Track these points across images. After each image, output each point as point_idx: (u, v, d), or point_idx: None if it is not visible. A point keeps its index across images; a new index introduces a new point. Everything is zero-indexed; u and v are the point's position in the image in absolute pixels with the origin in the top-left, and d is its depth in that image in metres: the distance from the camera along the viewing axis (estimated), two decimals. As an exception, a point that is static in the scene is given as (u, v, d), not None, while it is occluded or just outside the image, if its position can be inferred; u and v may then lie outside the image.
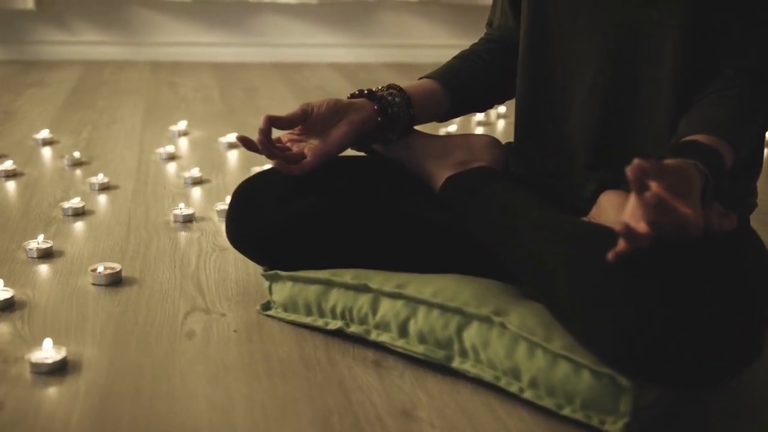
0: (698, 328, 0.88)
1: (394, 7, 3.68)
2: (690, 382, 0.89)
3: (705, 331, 0.88)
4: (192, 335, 1.13)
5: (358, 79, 3.22)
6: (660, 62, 1.15)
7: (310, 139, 1.21)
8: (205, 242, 1.48)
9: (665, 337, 0.87)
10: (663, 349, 0.87)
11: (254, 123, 2.39)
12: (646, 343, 0.88)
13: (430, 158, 1.25)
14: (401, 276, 1.12)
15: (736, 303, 0.90)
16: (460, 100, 1.30)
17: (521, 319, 1.01)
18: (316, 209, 1.18)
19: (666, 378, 0.90)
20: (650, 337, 0.88)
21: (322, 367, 1.06)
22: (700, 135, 1.04)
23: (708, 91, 1.12)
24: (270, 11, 3.58)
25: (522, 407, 0.97)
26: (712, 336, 0.87)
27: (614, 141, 1.22)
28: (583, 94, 1.22)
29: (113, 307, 1.21)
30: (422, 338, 1.06)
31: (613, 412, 0.92)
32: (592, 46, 1.20)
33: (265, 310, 1.20)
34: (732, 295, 0.91)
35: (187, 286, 1.29)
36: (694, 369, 0.88)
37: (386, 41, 3.70)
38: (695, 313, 0.88)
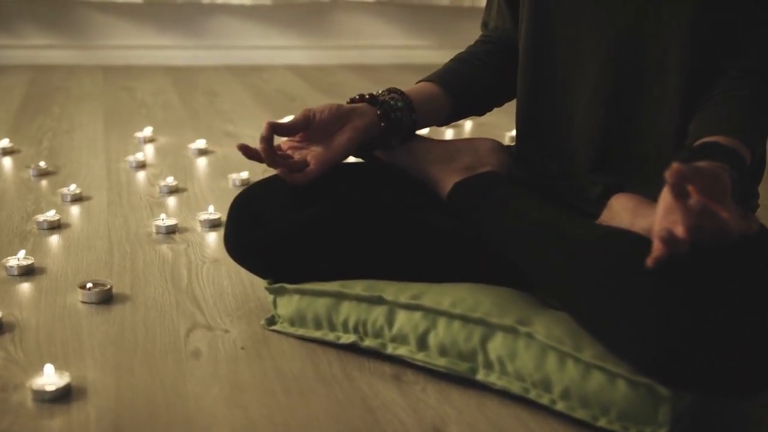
0: (737, 334, 0.86)
1: (349, 8, 3.64)
2: (730, 390, 0.88)
3: (745, 338, 0.86)
4: (198, 354, 1.08)
5: (318, 82, 3.17)
6: (665, 63, 1.14)
7: (311, 146, 1.17)
8: (193, 254, 1.42)
9: (705, 345, 0.85)
10: (703, 357, 0.85)
11: (220, 128, 2.35)
12: (686, 351, 0.86)
13: (435, 163, 1.22)
14: (414, 286, 1.09)
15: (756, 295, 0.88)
16: (462, 104, 1.28)
17: (547, 328, 0.98)
18: (319, 218, 1.14)
19: (706, 386, 0.88)
20: (690, 344, 0.86)
21: (341, 383, 1.02)
22: (718, 136, 1.02)
23: (715, 92, 1.11)
24: (223, 13, 3.51)
25: (554, 419, 0.95)
26: (751, 342, 0.86)
27: (618, 143, 1.20)
28: (586, 96, 1.20)
29: (109, 326, 1.15)
30: (444, 351, 1.02)
31: (652, 422, 0.90)
32: (596, 47, 1.18)
33: (270, 325, 1.16)
34: (764, 299, 0.89)
35: (183, 301, 1.24)
36: (733, 377, 0.86)
37: (342, 42, 3.66)
38: (734, 319, 0.86)
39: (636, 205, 1.12)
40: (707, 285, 0.88)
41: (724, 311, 0.86)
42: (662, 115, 1.16)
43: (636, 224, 1.08)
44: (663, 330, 0.86)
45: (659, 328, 0.87)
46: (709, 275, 0.89)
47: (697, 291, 0.87)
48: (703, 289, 0.87)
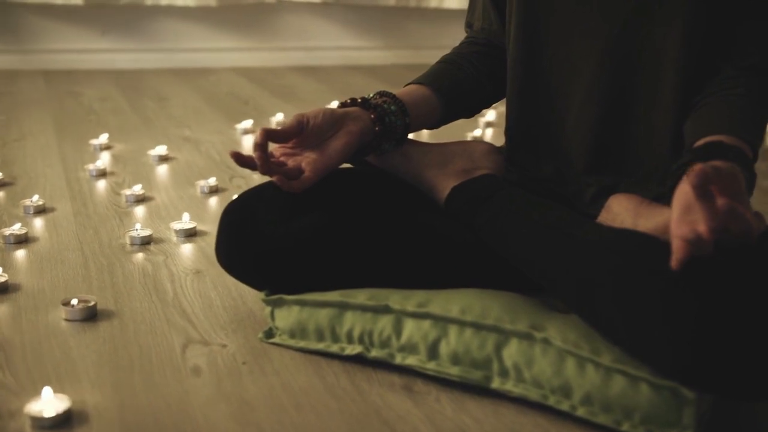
0: (761, 334, 0.85)
1: (295, 9, 3.59)
2: (753, 391, 0.87)
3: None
4: (199, 371, 1.04)
5: (269, 84, 3.12)
6: (660, 63, 1.14)
7: (305, 152, 1.14)
8: (173, 266, 1.37)
9: (730, 346, 0.85)
10: (728, 358, 0.85)
11: (176, 133, 2.29)
12: (711, 352, 0.85)
13: (430, 167, 1.20)
14: (419, 294, 1.07)
15: None
16: (452, 106, 1.26)
17: (561, 332, 0.97)
18: (317, 226, 1.11)
19: (729, 388, 0.87)
20: (715, 345, 0.85)
21: (351, 396, 0.99)
22: (721, 136, 1.02)
23: (712, 91, 1.12)
24: (167, 15, 3.43)
25: (574, 425, 0.94)
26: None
27: (612, 144, 1.20)
28: (579, 97, 1.20)
29: (99, 344, 1.10)
30: (456, 359, 1.00)
31: (677, 425, 0.89)
32: (589, 47, 1.17)
33: (268, 337, 1.12)
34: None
35: (172, 315, 1.19)
36: (757, 378, 0.86)
37: (289, 44, 3.61)
38: (757, 319, 0.86)
39: (637, 205, 1.12)
40: (729, 285, 0.87)
41: (747, 311, 0.85)
42: (656, 115, 1.16)
43: (639, 225, 1.08)
44: (687, 331, 0.86)
45: (683, 329, 0.86)
46: (731, 275, 0.88)
47: (720, 291, 0.87)
48: (725, 289, 0.87)
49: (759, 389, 0.86)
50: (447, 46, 3.71)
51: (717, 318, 0.85)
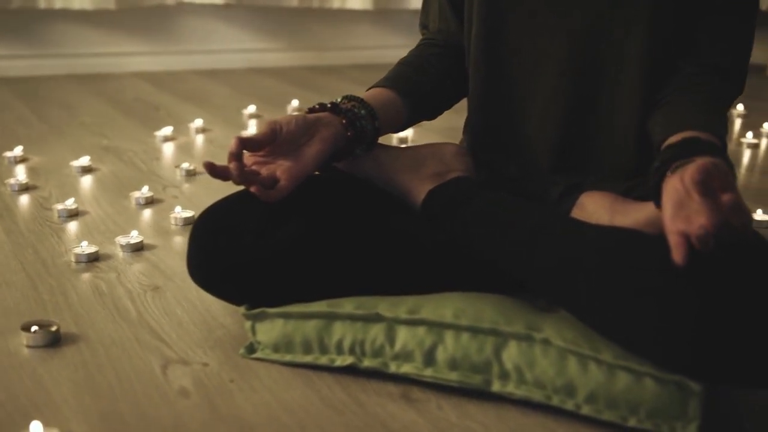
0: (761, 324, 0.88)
1: (196, 11, 3.51)
2: (756, 380, 0.89)
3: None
4: (186, 393, 0.99)
5: (175, 89, 3.04)
6: (623, 62, 1.16)
7: (277, 159, 1.10)
8: (128, 283, 1.31)
9: (733, 337, 0.86)
10: (732, 350, 0.87)
11: (94, 142, 2.20)
12: (715, 344, 0.87)
13: (402, 172, 1.19)
14: (407, 300, 1.05)
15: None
16: (416, 108, 1.25)
17: (559, 332, 0.98)
18: (295, 236, 1.08)
19: (734, 379, 0.89)
20: (719, 337, 0.87)
21: (352, 409, 0.97)
22: (695, 132, 1.04)
23: (674, 88, 1.15)
24: (63, 19, 3.28)
25: (579, 424, 0.94)
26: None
27: (576, 142, 1.22)
28: (544, 97, 1.21)
29: (71, 371, 1.04)
30: (454, 364, 1.00)
31: (682, 417, 0.91)
32: (552, 47, 1.19)
33: (250, 353, 1.08)
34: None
35: (142, 335, 1.14)
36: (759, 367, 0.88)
37: (191, 47, 3.52)
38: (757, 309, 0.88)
39: (612, 202, 1.13)
40: (728, 281, 0.89)
41: (745, 305, 0.87)
42: (620, 114, 1.18)
43: (616, 221, 1.09)
44: (688, 328, 0.87)
45: (684, 326, 0.87)
46: (729, 271, 0.90)
47: (719, 287, 0.88)
48: (724, 285, 0.89)
49: (759, 378, 0.89)
50: (351, 46, 3.79)
51: (717, 314, 0.86)
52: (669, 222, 0.89)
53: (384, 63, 3.87)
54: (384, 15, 3.87)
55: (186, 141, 2.28)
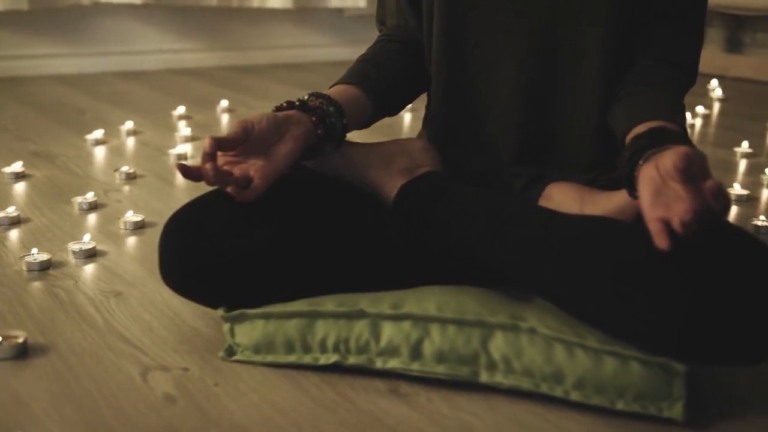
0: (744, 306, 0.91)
1: (113, 12, 3.42)
2: (740, 359, 0.93)
3: (750, 308, 0.91)
4: (172, 398, 0.97)
5: (97, 92, 2.96)
6: (583, 56, 1.19)
7: (249, 159, 1.09)
8: (88, 290, 1.28)
9: (720, 318, 0.90)
10: (715, 329, 0.90)
11: (22, 148, 2.12)
12: (702, 327, 0.90)
13: (373, 168, 1.19)
14: (389, 296, 1.06)
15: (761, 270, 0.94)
16: (380, 104, 1.25)
17: (543, 321, 1.00)
18: (270, 236, 1.07)
19: (719, 359, 0.92)
20: (705, 320, 0.90)
21: (344, 406, 0.97)
22: (659, 122, 1.08)
23: (632, 80, 1.18)
24: (-27, 21, 3.16)
25: (570, 410, 0.96)
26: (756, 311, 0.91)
27: (538, 135, 1.24)
28: (505, 91, 1.23)
29: (47, 383, 1.01)
30: (441, 357, 1.00)
31: (668, 398, 0.94)
32: (513, 42, 1.21)
33: (230, 355, 1.07)
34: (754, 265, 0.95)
35: (114, 343, 1.11)
36: (743, 346, 0.91)
37: (109, 48, 3.43)
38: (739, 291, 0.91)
39: (578, 193, 1.16)
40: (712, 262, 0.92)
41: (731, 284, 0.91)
42: (580, 106, 1.21)
43: (586, 211, 1.12)
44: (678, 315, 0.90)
45: (677, 309, 0.90)
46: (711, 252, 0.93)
47: (706, 269, 0.91)
48: (709, 266, 0.92)
49: (743, 357, 0.92)
50: (272, 46, 3.80)
51: (705, 299, 0.89)
52: (648, 209, 0.92)
53: (306, 62, 3.88)
54: (305, 14, 3.86)
55: (118, 144, 2.23)
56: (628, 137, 1.09)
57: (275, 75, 3.48)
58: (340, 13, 3.96)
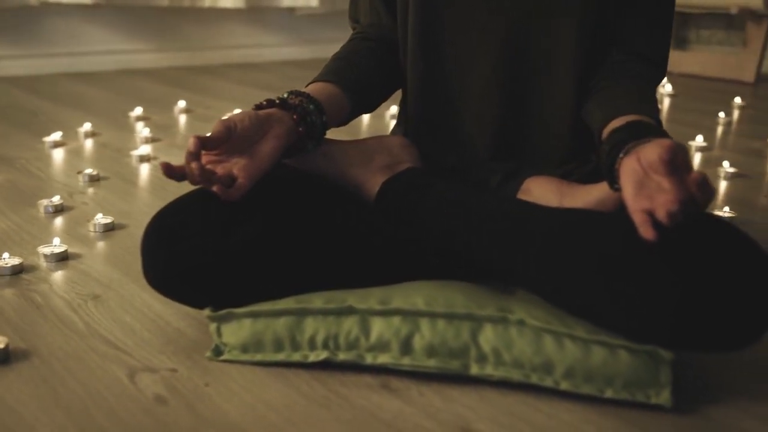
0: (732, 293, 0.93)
1: (63, 12, 3.36)
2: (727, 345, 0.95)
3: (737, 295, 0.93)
4: (164, 400, 0.96)
5: (49, 94, 2.91)
6: (556, 52, 1.21)
7: (231, 158, 1.09)
8: (65, 293, 1.26)
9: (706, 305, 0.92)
10: (704, 317, 0.92)
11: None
12: (689, 314, 0.92)
13: (353, 166, 1.19)
14: (376, 291, 1.06)
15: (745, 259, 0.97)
16: (358, 102, 1.25)
17: (530, 312, 1.01)
18: (256, 234, 1.07)
19: (708, 344, 0.94)
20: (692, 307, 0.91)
21: (338, 403, 0.97)
22: (635, 116, 1.10)
23: (606, 75, 1.21)
24: None
25: (560, 399, 0.98)
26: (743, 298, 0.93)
27: (514, 131, 1.26)
28: (480, 88, 1.25)
29: (33, 388, 0.99)
30: (432, 351, 1.01)
31: (655, 385, 0.96)
32: (488, 39, 1.22)
33: (217, 355, 1.06)
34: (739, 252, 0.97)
35: (97, 346, 1.09)
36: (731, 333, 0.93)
37: (59, 50, 3.38)
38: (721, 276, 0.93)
39: (557, 186, 1.18)
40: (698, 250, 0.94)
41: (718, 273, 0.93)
42: (555, 101, 1.23)
43: (565, 204, 1.14)
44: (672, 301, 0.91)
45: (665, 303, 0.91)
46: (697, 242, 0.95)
47: (691, 258, 0.93)
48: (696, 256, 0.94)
49: (731, 342, 0.94)
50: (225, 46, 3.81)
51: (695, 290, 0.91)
52: (632, 201, 0.94)
53: (259, 62, 3.86)
54: (257, 13, 3.84)
55: (77, 146, 2.20)
56: (605, 131, 1.11)
57: (229, 75, 3.46)
58: (291, 12, 3.95)
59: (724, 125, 2.69)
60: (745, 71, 3.65)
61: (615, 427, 0.93)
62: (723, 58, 3.75)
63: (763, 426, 0.93)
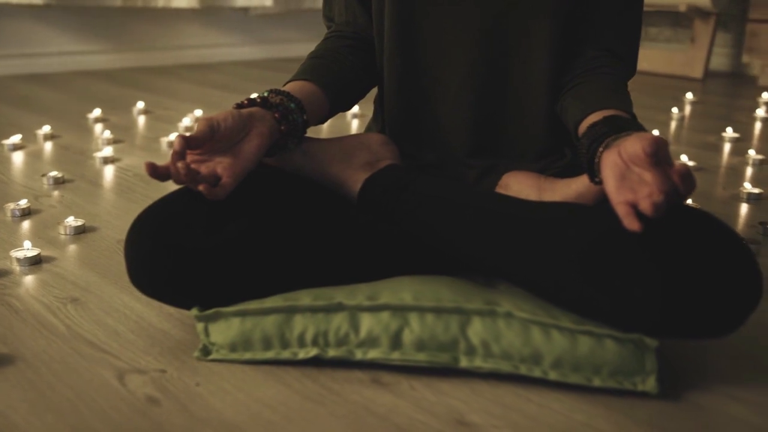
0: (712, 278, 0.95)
1: (14, 13, 3.30)
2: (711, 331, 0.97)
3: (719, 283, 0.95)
4: (156, 400, 0.96)
5: (3, 96, 2.85)
6: (533, 50, 1.23)
7: (215, 157, 1.09)
8: (42, 297, 1.24)
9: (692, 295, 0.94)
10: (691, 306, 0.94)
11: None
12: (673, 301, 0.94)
13: (334, 163, 1.20)
14: (364, 288, 1.07)
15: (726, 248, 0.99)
16: (336, 100, 1.26)
17: (516, 305, 1.03)
18: (243, 233, 1.06)
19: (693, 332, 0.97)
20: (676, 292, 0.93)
21: (331, 398, 0.97)
22: (612, 110, 1.12)
23: (579, 71, 1.23)
24: None
25: (550, 389, 0.99)
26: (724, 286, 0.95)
27: (490, 128, 1.28)
28: (456, 85, 1.26)
29: (21, 392, 0.98)
30: (421, 345, 1.02)
31: (641, 372, 0.98)
32: (464, 37, 1.24)
33: (205, 355, 1.06)
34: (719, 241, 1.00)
35: (81, 348, 1.08)
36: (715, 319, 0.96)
37: (10, 51, 3.32)
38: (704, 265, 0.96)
39: (535, 181, 1.20)
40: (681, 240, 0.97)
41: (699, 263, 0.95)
42: (530, 98, 1.25)
43: (545, 198, 1.16)
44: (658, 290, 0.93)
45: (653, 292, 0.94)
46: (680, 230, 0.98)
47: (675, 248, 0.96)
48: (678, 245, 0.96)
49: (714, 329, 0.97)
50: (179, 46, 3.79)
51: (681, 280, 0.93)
52: (615, 194, 0.96)
53: (213, 62, 3.83)
54: (211, 13, 3.81)
55: (37, 149, 2.16)
56: (582, 126, 1.13)
57: (184, 75, 3.43)
58: (245, 12, 3.93)
59: (678, 120, 2.75)
60: (694, 68, 3.73)
61: (603, 415, 0.95)
62: (672, 55, 3.83)
63: (748, 410, 0.96)
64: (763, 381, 1.03)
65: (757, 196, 1.82)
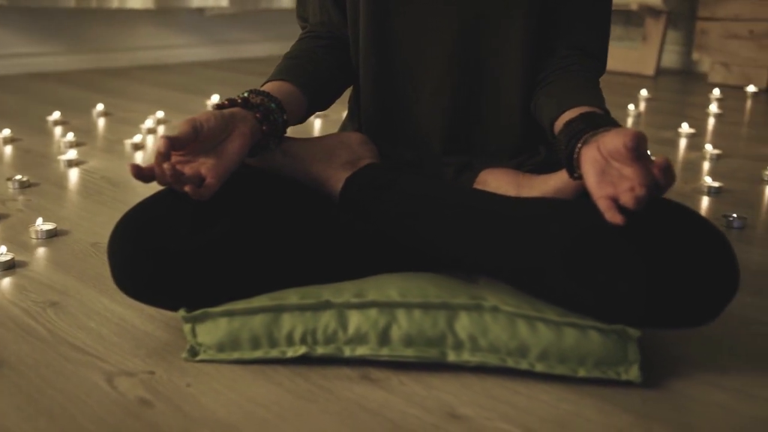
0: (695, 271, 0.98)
1: (-36, 14, 3.24)
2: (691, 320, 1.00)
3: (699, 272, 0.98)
4: (148, 402, 0.96)
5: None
6: (507, 49, 1.25)
7: (198, 157, 1.09)
8: (20, 302, 1.23)
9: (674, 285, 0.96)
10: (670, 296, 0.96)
11: None
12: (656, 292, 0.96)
13: (315, 162, 1.21)
14: (350, 285, 1.08)
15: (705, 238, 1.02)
16: (314, 100, 1.27)
17: (501, 299, 1.04)
18: (228, 233, 1.07)
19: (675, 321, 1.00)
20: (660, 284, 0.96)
21: (323, 396, 0.98)
22: (587, 107, 1.15)
23: (552, 69, 1.25)
24: None
25: (537, 381, 1.01)
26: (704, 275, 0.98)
27: (465, 126, 1.30)
28: (432, 85, 1.28)
29: (8, 397, 0.97)
30: (409, 341, 1.04)
31: (624, 362, 1.01)
32: (440, 37, 1.26)
33: (193, 356, 1.06)
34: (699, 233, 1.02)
35: (66, 352, 1.08)
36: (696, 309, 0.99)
37: (-39, 54, 3.26)
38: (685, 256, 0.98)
39: (513, 177, 1.22)
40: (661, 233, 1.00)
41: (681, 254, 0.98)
42: (505, 96, 1.28)
43: (523, 194, 1.18)
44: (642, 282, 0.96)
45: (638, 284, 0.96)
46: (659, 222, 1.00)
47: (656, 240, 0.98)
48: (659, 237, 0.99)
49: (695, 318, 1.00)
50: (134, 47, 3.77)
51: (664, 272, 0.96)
52: (596, 188, 0.98)
53: (169, 63, 3.80)
54: (166, 14, 3.78)
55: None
56: (559, 123, 1.15)
57: (141, 77, 3.40)
58: (201, 13, 3.91)
59: (635, 117, 2.81)
60: (646, 65, 3.80)
61: (590, 404, 0.97)
62: (625, 52, 3.90)
63: (731, 397, 0.99)
64: (741, 369, 1.06)
65: (718, 189, 1.87)
